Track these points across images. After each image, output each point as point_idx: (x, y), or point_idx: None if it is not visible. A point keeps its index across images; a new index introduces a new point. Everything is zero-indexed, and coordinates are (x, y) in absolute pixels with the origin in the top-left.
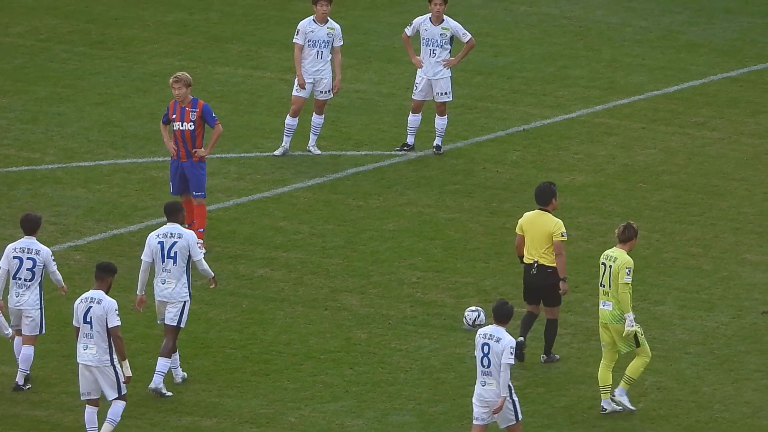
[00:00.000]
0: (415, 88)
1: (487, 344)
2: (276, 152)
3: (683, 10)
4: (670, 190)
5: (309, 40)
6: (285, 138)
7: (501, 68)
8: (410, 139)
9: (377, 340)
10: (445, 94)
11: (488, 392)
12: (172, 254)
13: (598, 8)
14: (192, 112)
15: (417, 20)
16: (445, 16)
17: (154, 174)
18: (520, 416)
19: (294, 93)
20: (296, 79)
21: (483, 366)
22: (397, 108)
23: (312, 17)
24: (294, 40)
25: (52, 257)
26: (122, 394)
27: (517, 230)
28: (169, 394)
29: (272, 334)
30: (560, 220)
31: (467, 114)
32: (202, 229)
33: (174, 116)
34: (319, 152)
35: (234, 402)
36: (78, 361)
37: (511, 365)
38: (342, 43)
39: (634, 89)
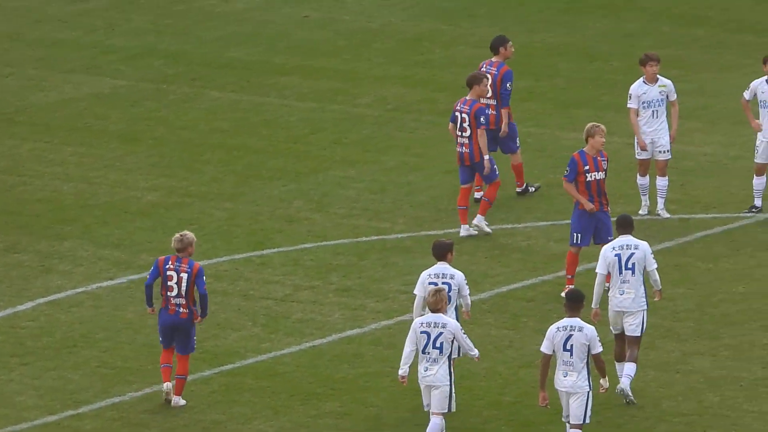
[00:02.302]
0: (756, 151)
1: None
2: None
3: None
4: None
5: (643, 102)
6: (642, 197)
7: None
8: (758, 202)
9: (729, 402)
10: None
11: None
12: (629, 265)
13: None
14: (603, 161)
15: (754, 83)
16: None
17: (503, 241)
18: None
19: (637, 156)
20: (636, 142)
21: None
22: (747, 170)
23: (642, 79)
24: (628, 105)
25: (465, 281)
26: (586, 422)
27: None
28: (634, 401)
29: (617, 397)
30: None
31: None
32: None
33: (587, 167)
34: (668, 215)
35: None
36: (555, 386)
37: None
38: (676, 96)
39: None
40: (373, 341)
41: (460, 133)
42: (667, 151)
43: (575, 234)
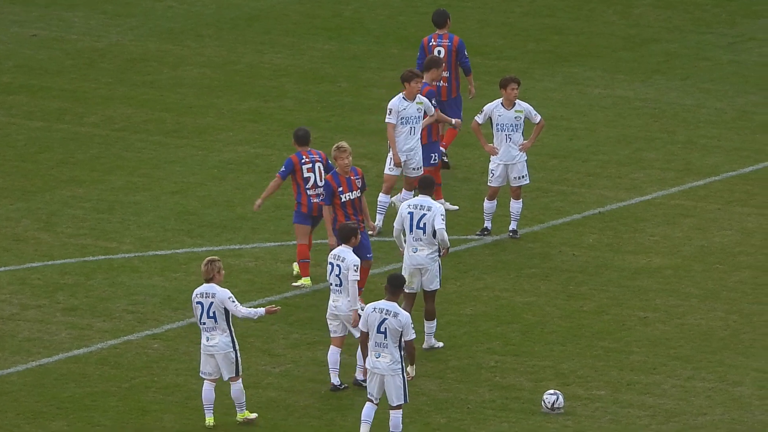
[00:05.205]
0: (491, 174)
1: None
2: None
3: (758, 90)
4: (747, 271)
5: (402, 118)
6: (378, 216)
7: (576, 151)
8: (488, 224)
9: (456, 424)
10: (523, 177)
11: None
12: (421, 225)
13: (673, 90)
14: (357, 179)
15: (488, 107)
16: (516, 100)
17: (230, 262)
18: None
19: (387, 171)
20: (390, 157)
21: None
22: (473, 193)
23: (402, 95)
24: (387, 120)
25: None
26: (405, 401)
27: None
28: (441, 344)
29: (351, 420)
30: None
31: (543, 197)
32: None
33: (341, 188)
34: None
35: None
36: (368, 367)
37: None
38: (434, 110)
39: (710, 170)
40: (99, 360)
41: None
42: (420, 168)
43: None
